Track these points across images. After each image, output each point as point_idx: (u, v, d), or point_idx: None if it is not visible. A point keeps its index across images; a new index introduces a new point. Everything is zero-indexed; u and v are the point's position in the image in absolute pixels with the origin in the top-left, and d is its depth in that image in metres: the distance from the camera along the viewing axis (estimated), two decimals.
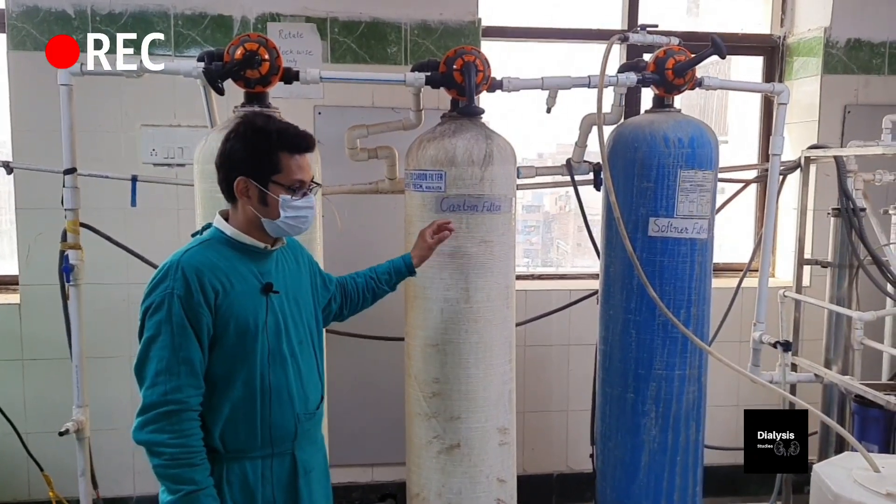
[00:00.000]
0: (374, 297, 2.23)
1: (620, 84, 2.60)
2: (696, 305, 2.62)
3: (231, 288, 1.72)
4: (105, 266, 3.19)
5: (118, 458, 3.43)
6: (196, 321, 1.67)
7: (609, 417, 2.75)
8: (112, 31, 3.21)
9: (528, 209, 5.07)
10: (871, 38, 3.73)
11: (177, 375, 1.64)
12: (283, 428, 1.80)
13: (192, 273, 1.68)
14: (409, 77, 2.46)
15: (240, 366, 1.74)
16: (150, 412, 1.63)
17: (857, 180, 2.98)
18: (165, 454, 1.63)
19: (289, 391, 1.81)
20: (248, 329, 1.74)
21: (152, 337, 1.66)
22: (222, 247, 1.77)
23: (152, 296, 1.68)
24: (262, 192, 1.75)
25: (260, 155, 1.74)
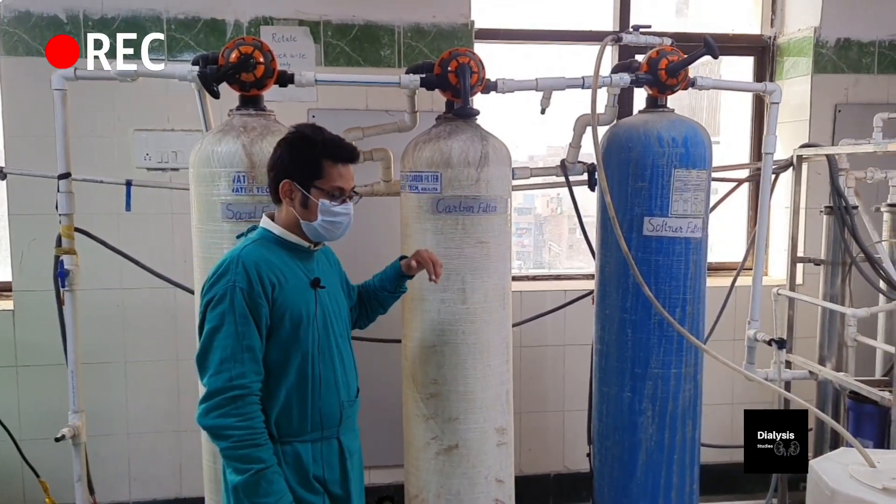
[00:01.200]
0: (382, 306, 2.28)
1: (614, 84, 2.61)
2: (692, 304, 2.63)
3: (285, 282, 1.84)
4: (99, 271, 3.18)
5: (114, 464, 3.42)
6: (256, 312, 1.78)
7: (606, 417, 2.76)
8: (104, 35, 3.21)
9: (521, 211, 5.08)
10: (860, 37, 3.76)
11: (241, 362, 1.76)
12: (331, 413, 1.93)
13: (252, 267, 1.79)
14: (403, 79, 2.46)
15: (294, 354, 1.86)
16: (215, 398, 1.74)
17: (849, 178, 3.00)
18: (234, 437, 1.74)
19: (335, 379, 1.94)
20: (301, 320, 1.86)
21: (216, 327, 1.77)
22: (272, 245, 1.89)
23: (214, 289, 1.79)
24: (304, 196, 1.87)
25: (305, 160, 1.87)
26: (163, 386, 3.41)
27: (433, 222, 2.43)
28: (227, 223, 2.22)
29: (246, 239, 1.92)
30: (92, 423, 3.31)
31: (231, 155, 2.20)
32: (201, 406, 1.76)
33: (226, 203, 2.21)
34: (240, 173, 2.19)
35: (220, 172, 2.21)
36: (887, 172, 3.06)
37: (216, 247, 2.24)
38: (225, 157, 2.20)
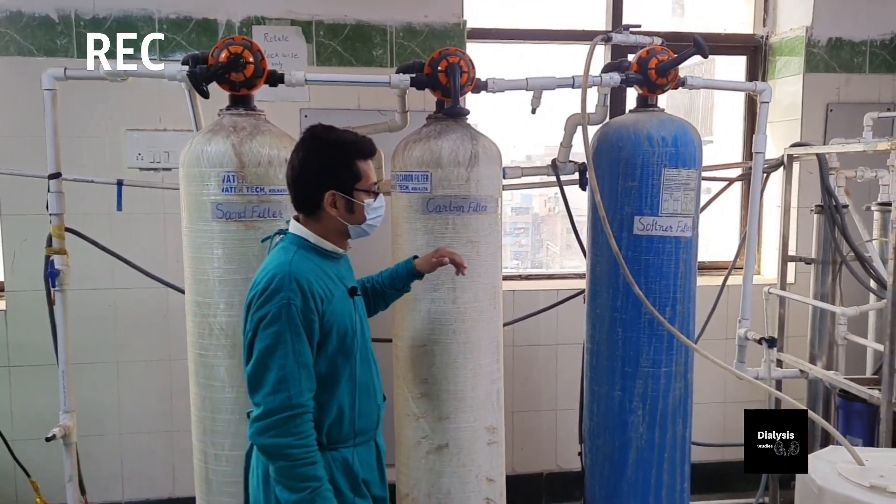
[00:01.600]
0: (385, 301, 2.29)
1: (604, 84, 2.62)
2: (682, 303, 2.64)
3: (332, 295, 1.84)
4: (91, 272, 3.19)
5: (107, 464, 3.42)
6: (309, 327, 1.77)
7: (597, 415, 2.77)
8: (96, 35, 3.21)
9: (518, 211, 5.08)
10: (851, 36, 3.77)
11: (298, 381, 1.75)
12: (371, 418, 1.96)
13: (305, 282, 1.77)
14: (394, 79, 2.47)
15: (342, 365, 1.87)
16: (271, 417, 1.73)
17: (839, 177, 3.01)
18: (291, 456, 1.73)
19: (373, 384, 1.97)
20: (347, 332, 1.86)
21: (271, 346, 1.74)
22: (309, 253, 1.87)
23: (267, 306, 1.75)
24: (348, 202, 1.87)
25: (342, 167, 1.86)
26: (155, 386, 3.41)
27: (423, 222, 2.43)
28: (217, 223, 2.22)
29: (284, 248, 1.87)
30: (85, 423, 3.31)
31: (220, 155, 2.20)
32: (256, 425, 1.75)
33: (216, 203, 2.21)
34: (229, 173, 2.19)
35: (210, 172, 2.20)
36: (877, 171, 3.07)
37: (206, 247, 2.24)
38: (214, 157, 2.20)
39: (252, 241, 2.23)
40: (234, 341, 2.24)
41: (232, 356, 2.25)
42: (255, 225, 2.23)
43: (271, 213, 2.25)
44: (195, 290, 2.29)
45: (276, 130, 2.33)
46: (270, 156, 2.24)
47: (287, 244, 1.88)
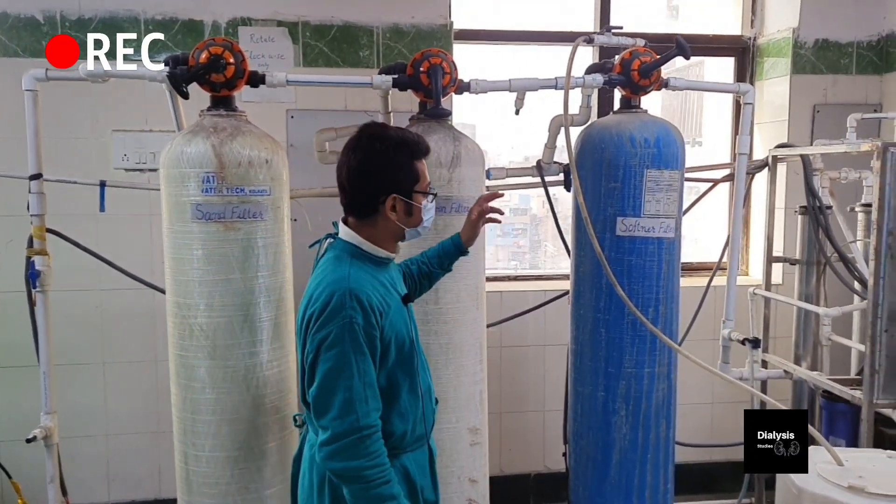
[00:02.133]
0: (430, 282, 2.22)
1: (587, 85, 2.63)
2: (665, 304, 2.64)
3: (388, 307, 1.76)
4: (78, 273, 3.18)
5: (92, 465, 3.42)
6: (371, 344, 1.70)
7: (581, 416, 2.77)
8: (82, 36, 3.20)
9: (516, 212, 5.08)
10: (838, 38, 3.78)
11: (365, 402, 1.68)
12: (428, 422, 1.93)
13: (364, 298, 1.69)
14: (376, 80, 2.47)
15: (402, 377, 1.81)
16: (341, 440, 1.66)
17: (824, 178, 3.01)
18: (366, 478, 1.67)
19: (429, 389, 1.94)
20: (405, 342, 1.80)
21: (335, 368, 1.67)
22: (361, 262, 1.79)
23: (329, 326, 1.66)
24: (408, 204, 1.80)
25: (403, 169, 1.79)
26: (142, 387, 3.40)
27: None
28: (197, 224, 2.21)
29: (338, 258, 1.78)
30: (70, 423, 3.32)
31: (200, 155, 2.19)
32: (325, 449, 1.67)
33: (195, 203, 2.20)
34: (209, 174, 2.19)
35: (190, 173, 2.20)
36: (861, 172, 3.07)
37: (186, 248, 2.24)
38: (194, 158, 2.20)
39: (232, 241, 2.23)
40: (215, 342, 2.25)
41: (212, 357, 2.25)
42: (234, 226, 2.23)
43: (251, 214, 2.25)
44: (175, 290, 2.29)
45: (258, 131, 2.33)
46: (251, 156, 2.24)
47: (340, 253, 1.79)
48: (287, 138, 3.40)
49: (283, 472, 2.38)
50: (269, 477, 2.34)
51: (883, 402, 2.52)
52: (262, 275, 2.29)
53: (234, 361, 2.27)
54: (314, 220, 3.37)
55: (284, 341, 2.38)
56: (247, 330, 2.27)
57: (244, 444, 2.29)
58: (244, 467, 2.30)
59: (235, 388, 2.27)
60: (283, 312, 2.37)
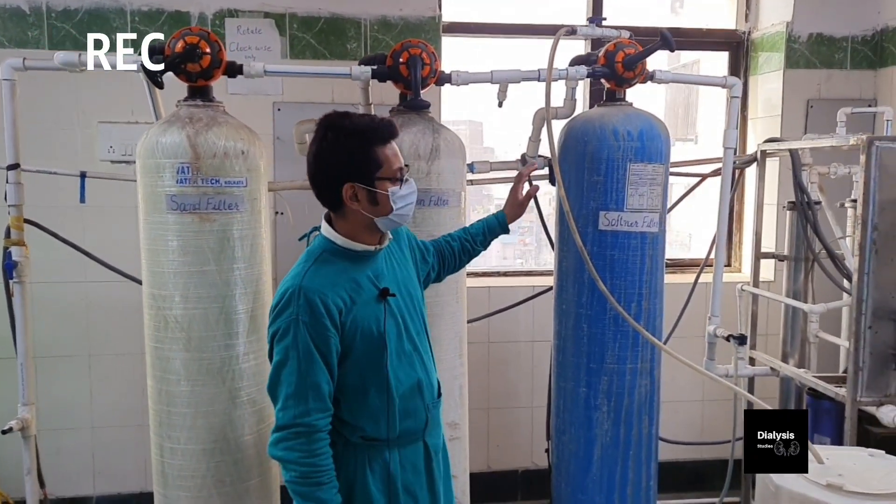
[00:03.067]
0: (469, 257, 2.25)
1: (570, 77, 2.60)
2: (648, 299, 2.61)
3: (352, 303, 1.74)
4: (63, 264, 3.18)
5: (78, 457, 3.41)
6: (324, 343, 1.71)
7: (563, 412, 2.75)
8: (67, 27, 3.21)
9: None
10: (832, 32, 3.73)
11: (305, 400, 1.70)
12: (418, 420, 1.87)
13: (316, 297, 1.69)
14: (354, 70, 2.45)
15: (371, 373, 1.79)
16: (282, 431, 1.72)
17: (813, 174, 2.98)
18: (297, 471, 1.71)
19: (419, 386, 1.86)
20: (373, 337, 1.77)
21: (281, 362, 1.71)
22: (334, 258, 1.78)
23: (278, 321, 1.71)
24: (370, 192, 1.76)
25: (359, 156, 1.75)
26: (128, 380, 3.38)
27: None
28: (172, 215, 2.19)
29: (306, 255, 1.80)
30: (56, 416, 3.32)
31: (175, 146, 2.17)
32: (272, 436, 1.74)
33: (170, 195, 2.19)
34: (184, 164, 2.17)
35: (165, 163, 2.18)
36: (851, 168, 3.04)
37: (161, 239, 2.22)
38: (169, 148, 2.18)
39: (207, 233, 2.21)
40: (189, 334, 2.23)
41: (187, 349, 2.24)
42: (210, 217, 2.21)
43: (227, 206, 2.23)
44: (151, 282, 2.27)
45: (234, 122, 2.31)
46: (227, 147, 2.21)
47: (313, 249, 1.81)
48: (273, 131, 3.38)
49: (259, 466, 2.37)
50: (245, 470, 2.32)
51: (867, 399, 2.48)
52: (239, 267, 2.27)
53: (209, 353, 2.25)
54: (300, 214, 3.37)
55: (261, 334, 2.36)
56: (222, 322, 2.25)
57: (220, 437, 2.27)
58: (220, 460, 2.28)
59: (211, 380, 2.26)
60: (260, 305, 2.35)
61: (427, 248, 2.13)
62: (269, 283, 2.44)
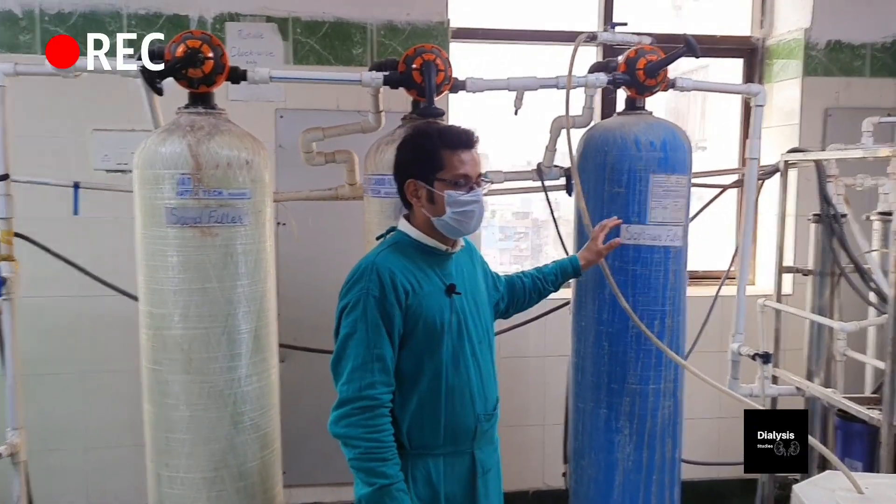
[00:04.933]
0: (539, 296, 2.24)
1: (590, 85, 2.48)
2: (671, 316, 2.49)
3: (420, 288, 1.79)
4: (54, 279, 3.04)
5: (70, 478, 3.28)
6: (388, 320, 1.74)
7: (582, 434, 2.62)
8: (61, 31, 3.08)
9: (518, 216, 4.98)
10: (851, 39, 3.63)
11: (371, 372, 1.72)
12: (465, 427, 1.84)
13: (386, 274, 1.75)
14: (365, 77, 2.32)
15: (427, 363, 1.80)
16: (345, 406, 1.72)
17: (838, 185, 2.87)
18: (360, 447, 1.71)
19: (470, 391, 1.85)
20: (435, 328, 1.79)
21: (349, 335, 1.74)
22: (408, 249, 1.84)
23: (349, 296, 1.76)
24: (429, 191, 1.81)
25: (424, 155, 1.82)
26: (122, 398, 3.24)
27: None
28: (172, 229, 2.07)
29: (383, 242, 1.88)
30: (47, 436, 3.18)
31: (176, 156, 2.05)
32: (333, 413, 1.74)
33: (170, 207, 2.06)
34: (185, 175, 2.04)
35: (164, 174, 2.06)
36: (877, 179, 2.92)
37: (160, 254, 2.09)
38: (169, 158, 2.05)
39: (209, 247, 2.09)
40: (190, 356, 2.10)
41: (187, 372, 2.11)
42: (212, 231, 2.08)
43: (230, 219, 2.10)
44: (149, 300, 2.14)
45: (238, 130, 2.18)
46: (230, 157, 2.09)
47: (388, 241, 1.87)
48: (276, 139, 3.26)
49: (264, 494, 2.24)
50: (248, 499, 2.19)
51: None
52: (242, 283, 2.15)
53: (210, 376, 2.12)
54: (304, 226, 3.25)
55: (266, 354, 2.24)
56: (224, 342, 2.12)
57: (221, 465, 2.14)
58: (222, 489, 2.15)
59: (212, 404, 2.13)
60: (265, 324, 2.23)
61: (499, 277, 2.16)
62: (274, 300, 2.31)
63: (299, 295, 3.26)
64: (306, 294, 3.24)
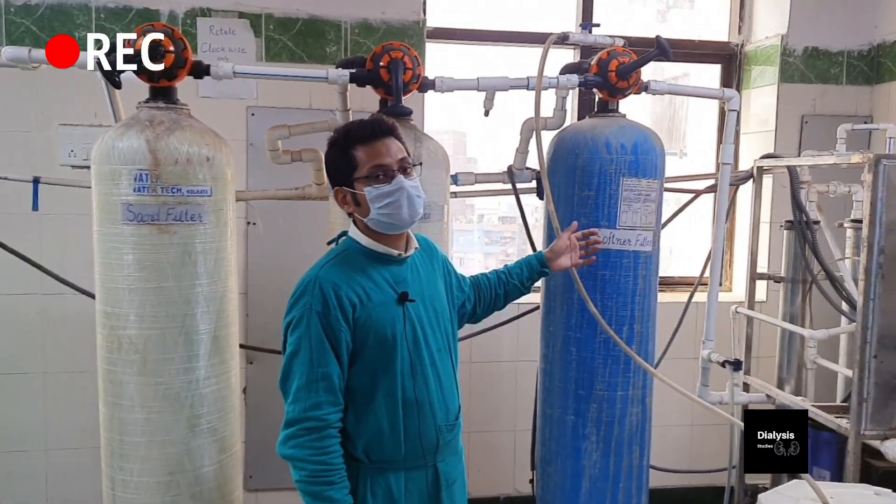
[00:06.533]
0: (506, 295, 2.13)
1: (561, 86, 2.46)
2: (640, 322, 2.47)
3: (368, 300, 1.71)
4: (16, 276, 2.97)
5: (29, 482, 3.19)
6: (334, 336, 1.68)
7: (549, 440, 2.59)
8: (27, 23, 3.01)
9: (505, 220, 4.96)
10: (828, 46, 3.63)
11: (316, 392, 1.66)
12: (426, 440, 1.78)
13: (329, 288, 1.68)
14: (332, 74, 2.28)
15: (381, 377, 1.73)
16: (292, 427, 1.67)
17: (811, 192, 2.85)
18: (307, 470, 1.65)
19: (430, 402, 1.78)
20: (387, 340, 1.72)
21: (294, 353, 1.69)
22: (357, 257, 1.77)
23: (293, 312, 1.69)
24: (352, 194, 1.75)
25: (340, 160, 1.76)
26: (85, 399, 3.15)
27: None
28: (129, 226, 2.01)
29: (329, 252, 1.80)
30: (6, 437, 3.11)
31: (133, 151, 1.99)
32: (282, 433, 1.68)
33: (126, 204, 2.00)
34: (142, 171, 1.99)
35: (122, 170, 2.00)
36: (851, 186, 2.91)
37: (116, 252, 2.03)
38: (127, 154, 2.00)
39: (167, 246, 2.03)
40: (145, 356, 2.04)
41: (142, 373, 2.05)
42: (170, 229, 2.03)
43: (189, 217, 2.05)
44: (104, 299, 2.09)
45: (200, 126, 2.13)
46: (190, 153, 2.04)
47: (337, 247, 1.81)
48: (247, 136, 3.20)
49: (221, 500, 2.18)
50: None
51: (871, 432, 2.35)
52: (201, 283, 2.09)
53: (166, 377, 2.06)
54: (274, 225, 3.20)
55: (225, 356, 2.18)
56: (182, 343, 2.07)
57: (177, 469, 2.09)
58: (177, 494, 2.10)
59: (168, 406, 2.07)
60: (225, 325, 2.17)
61: (464, 278, 2.08)
62: (235, 301, 2.26)
63: (268, 296, 3.21)
64: (275, 295, 3.18)
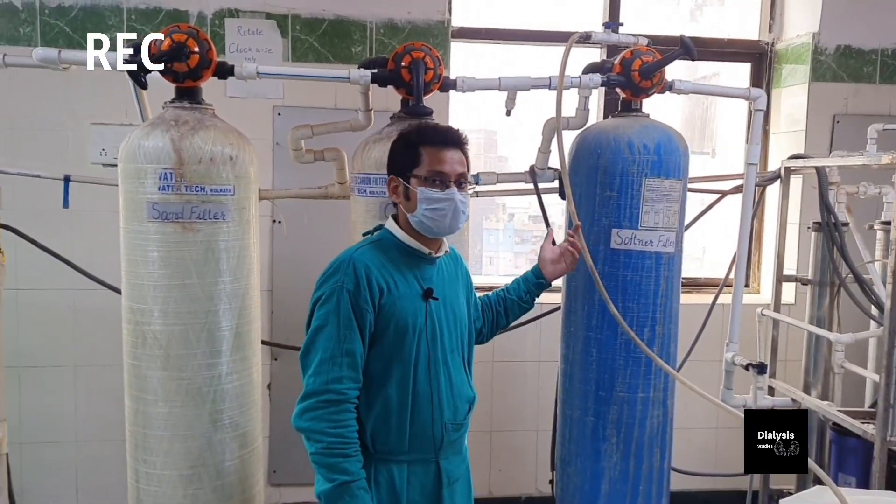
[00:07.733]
0: (506, 312, 2.19)
1: (583, 86, 2.44)
2: (662, 324, 2.44)
3: (395, 289, 1.78)
4: (49, 271, 3.03)
5: (60, 472, 3.28)
6: (361, 316, 1.73)
7: (569, 442, 2.57)
8: (61, 24, 3.09)
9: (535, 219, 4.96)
10: (861, 44, 3.56)
11: (339, 366, 1.71)
12: (431, 434, 1.82)
13: (362, 269, 1.74)
14: (353, 74, 2.30)
15: (396, 365, 1.78)
16: (310, 399, 1.71)
17: (840, 193, 2.80)
18: (323, 442, 1.69)
19: (439, 398, 1.83)
20: (407, 331, 1.78)
21: (319, 327, 1.73)
22: (391, 249, 1.83)
23: (323, 287, 1.75)
24: (405, 188, 1.81)
25: (404, 152, 1.84)
26: (115, 392, 3.20)
27: None
28: (153, 224, 2.05)
29: (365, 238, 1.88)
30: (39, 429, 3.20)
31: (158, 150, 2.03)
32: (298, 405, 1.72)
33: (151, 202, 2.04)
34: (167, 170, 2.03)
35: (147, 169, 2.04)
36: (881, 188, 2.85)
37: (141, 249, 2.07)
38: (152, 152, 2.04)
39: (191, 243, 2.07)
40: (168, 352, 2.08)
41: (165, 368, 2.09)
42: (194, 227, 2.06)
43: (212, 215, 2.08)
44: (129, 294, 2.13)
45: (223, 125, 2.16)
46: (213, 152, 2.07)
47: (372, 237, 1.87)
48: (273, 136, 3.25)
49: (242, 494, 2.22)
50: (225, 499, 2.17)
51: None
52: (224, 280, 2.12)
53: (189, 373, 2.10)
54: (299, 223, 3.23)
55: (247, 352, 2.21)
56: (204, 339, 2.10)
57: (198, 463, 2.12)
58: (199, 487, 2.13)
59: (190, 401, 2.11)
60: (247, 321, 2.20)
61: (478, 298, 2.14)
62: (258, 298, 2.29)
63: (293, 294, 3.25)
64: (299, 293, 3.22)
